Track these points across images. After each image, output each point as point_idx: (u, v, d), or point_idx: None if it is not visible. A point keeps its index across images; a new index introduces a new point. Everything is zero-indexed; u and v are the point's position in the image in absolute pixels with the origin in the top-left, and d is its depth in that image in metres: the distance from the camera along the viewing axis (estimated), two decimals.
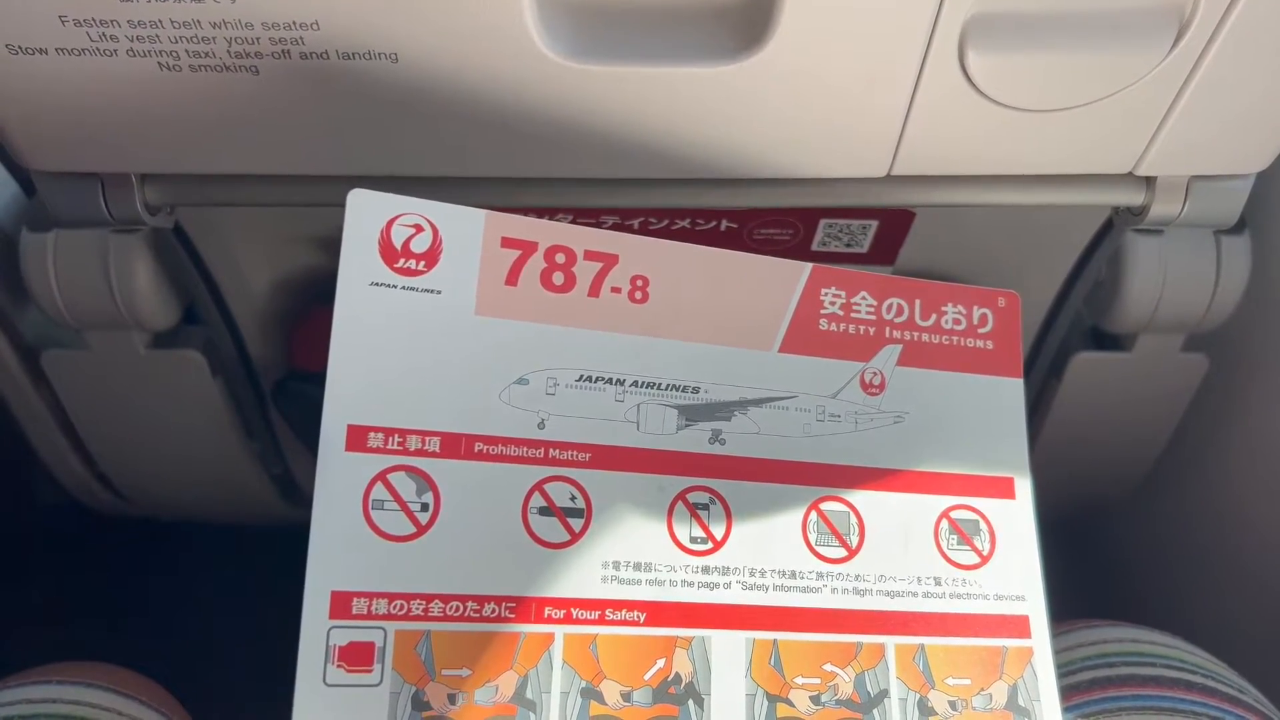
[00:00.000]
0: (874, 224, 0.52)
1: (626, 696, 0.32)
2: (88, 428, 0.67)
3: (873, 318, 0.37)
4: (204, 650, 0.79)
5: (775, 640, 0.34)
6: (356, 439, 0.32)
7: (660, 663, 0.33)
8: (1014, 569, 0.37)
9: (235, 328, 0.61)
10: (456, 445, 0.33)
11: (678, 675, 0.33)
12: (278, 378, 0.63)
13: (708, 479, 0.35)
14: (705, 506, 0.35)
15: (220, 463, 0.69)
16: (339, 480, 0.32)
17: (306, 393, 0.61)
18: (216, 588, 0.87)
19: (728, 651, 0.34)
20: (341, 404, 0.32)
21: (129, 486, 0.74)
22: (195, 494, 0.76)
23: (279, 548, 0.43)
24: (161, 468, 0.72)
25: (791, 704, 0.34)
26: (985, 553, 0.37)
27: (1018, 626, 0.36)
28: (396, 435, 0.33)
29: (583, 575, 0.33)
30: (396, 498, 0.32)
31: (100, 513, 0.78)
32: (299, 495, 0.76)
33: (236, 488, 0.72)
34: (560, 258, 0.35)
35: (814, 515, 0.35)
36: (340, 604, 0.31)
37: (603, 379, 0.35)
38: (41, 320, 0.59)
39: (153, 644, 0.72)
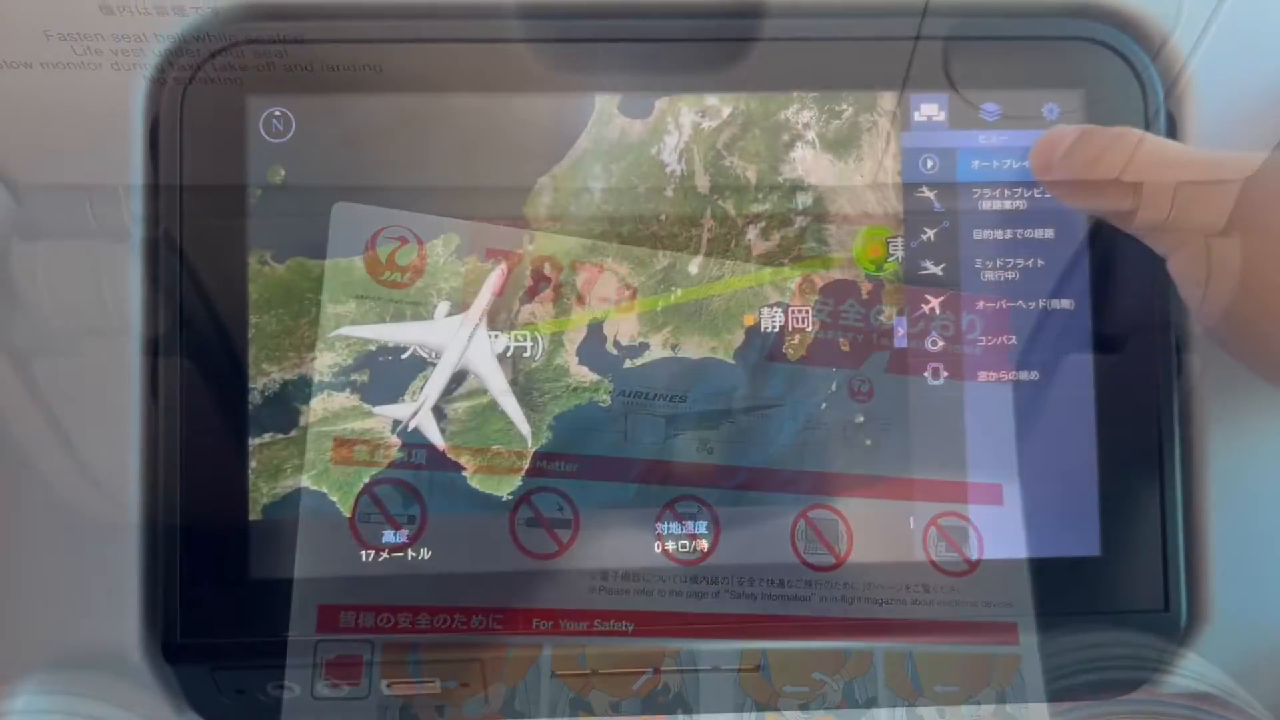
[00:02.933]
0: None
1: (615, 707, 0.32)
2: (80, 435, 0.66)
3: (861, 324, 0.37)
4: None
5: (764, 649, 0.34)
6: (343, 451, 0.32)
7: (649, 673, 0.33)
8: (1002, 576, 0.37)
9: (227, 335, 0.61)
10: (443, 457, 0.33)
11: (666, 685, 0.33)
12: None
13: (696, 488, 0.35)
14: (693, 516, 0.35)
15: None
16: (325, 493, 0.32)
17: None
18: None
19: (716, 661, 0.34)
20: None
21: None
22: None
23: None
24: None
25: (780, 712, 0.34)
26: (973, 559, 0.37)
27: (1006, 633, 0.36)
28: (382, 448, 0.33)
29: (571, 586, 0.33)
30: (383, 510, 0.32)
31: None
32: None
33: None
34: (546, 268, 0.34)
35: (802, 523, 0.35)
36: (328, 618, 0.31)
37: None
38: (33, 328, 0.58)
39: None
